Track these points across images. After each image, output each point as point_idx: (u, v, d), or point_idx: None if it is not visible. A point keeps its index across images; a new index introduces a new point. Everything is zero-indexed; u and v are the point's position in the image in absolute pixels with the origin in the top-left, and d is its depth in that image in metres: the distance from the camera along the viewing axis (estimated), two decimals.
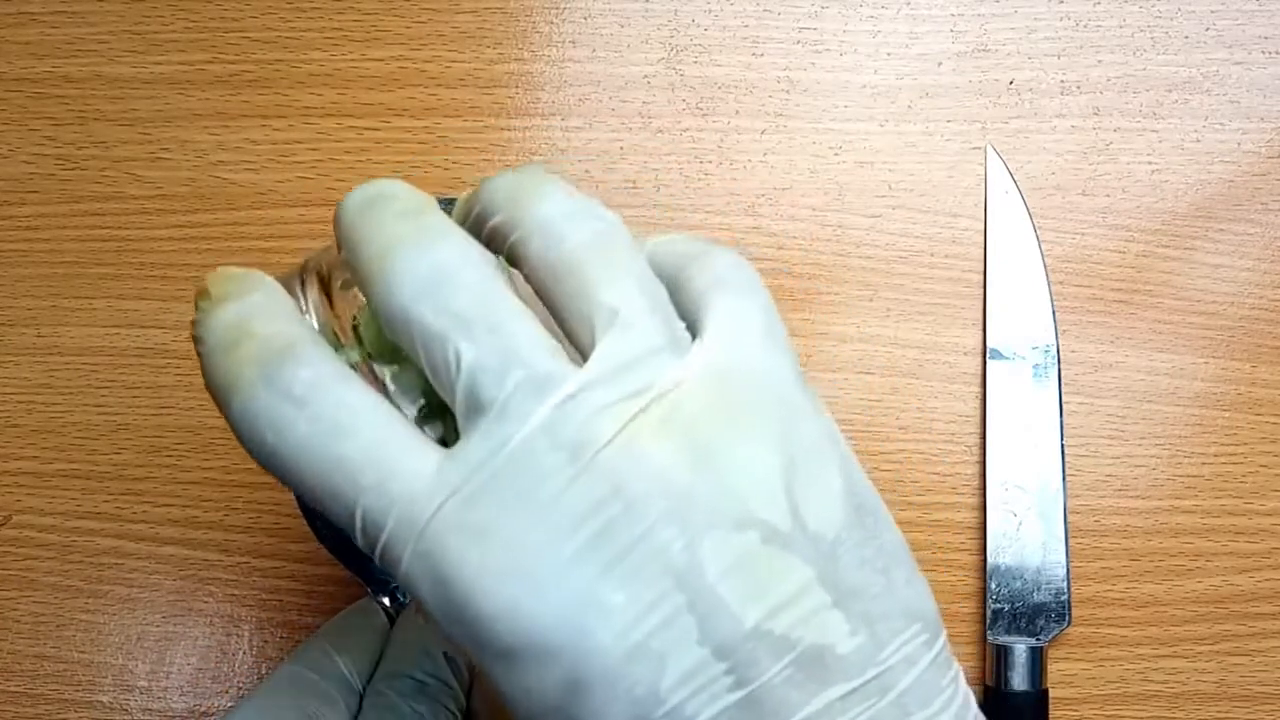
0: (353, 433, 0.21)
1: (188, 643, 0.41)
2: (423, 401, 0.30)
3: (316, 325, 0.25)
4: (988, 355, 0.41)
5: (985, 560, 0.40)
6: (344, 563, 0.34)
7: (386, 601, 0.33)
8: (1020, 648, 0.39)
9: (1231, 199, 0.43)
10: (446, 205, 0.31)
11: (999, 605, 0.40)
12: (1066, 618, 0.40)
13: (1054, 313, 0.42)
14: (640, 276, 0.22)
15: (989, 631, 0.40)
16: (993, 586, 0.40)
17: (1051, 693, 0.40)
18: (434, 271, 0.21)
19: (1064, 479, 0.41)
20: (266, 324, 0.22)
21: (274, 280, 0.23)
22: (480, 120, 0.43)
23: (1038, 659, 0.39)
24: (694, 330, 0.22)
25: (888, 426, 0.42)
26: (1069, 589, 0.40)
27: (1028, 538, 0.40)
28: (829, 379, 0.42)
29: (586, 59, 0.43)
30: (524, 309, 0.21)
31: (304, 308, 0.25)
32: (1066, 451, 0.41)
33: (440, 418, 0.34)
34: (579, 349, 0.21)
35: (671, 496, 0.20)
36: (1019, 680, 0.39)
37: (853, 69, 0.43)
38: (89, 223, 0.43)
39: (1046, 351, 0.41)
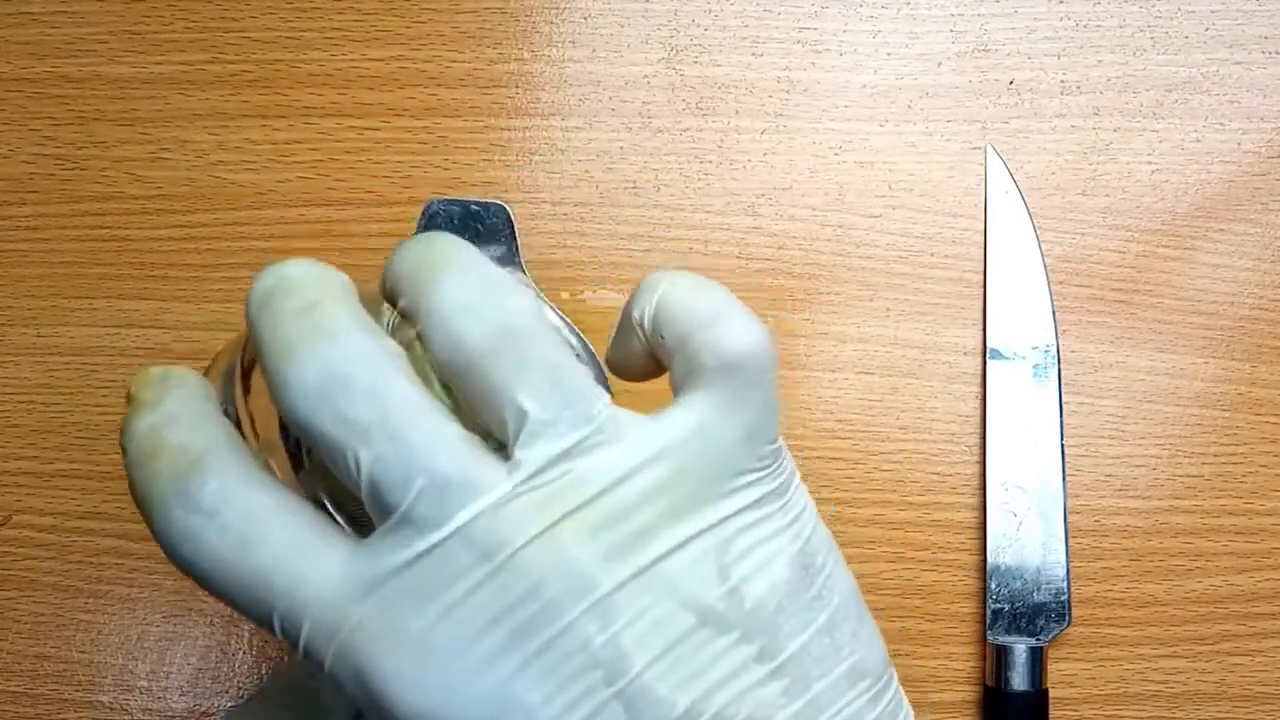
0: (262, 541, 0.21)
1: (188, 643, 0.41)
2: None
3: (240, 416, 0.25)
4: (988, 355, 0.41)
5: (985, 560, 0.40)
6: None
7: None
8: (1020, 648, 0.39)
9: (1231, 199, 0.43)
10: (448, 204, 0.30)
11: (999, 605, 0.40)
12: (1066, 618, 0.40)
13: (1054, 313, 0.42)
14: (553, 368, 0.21)
15: (989, 631, 0.40)
16: (993, 586, 0.40)
17: (1051, 693, 0.40)
18: (326, 378, 0.20)
19: (1064, 479, 0.41)
20: (180, 432, 0.22)
21: (194, 378, 0.23)
22: (480, 120, 0.43)
23: (1038, 659, 0.39)
24: (674, 394, 0.22)
25: (888, 426, 0.42)
26: (1069, 589, 0.40)
27: (1028, 538, 0.40)
28: (829, 379, 0.42)
29: (586, 59, 0.43)
30: (427, 404, 0.21)
31: (232, 402, 0.25)
32: (1066, 451, 0.41)
33: None
34: (497, 440, 0.21)
35: (594, 592, 0.20)
36: (1019, 680, 0.39)
37: (853, 69, 0.43)
38: (89, 223, 0.43)
39: (1046, 351, 0.41)
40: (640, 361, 0.24)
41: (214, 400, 0.23)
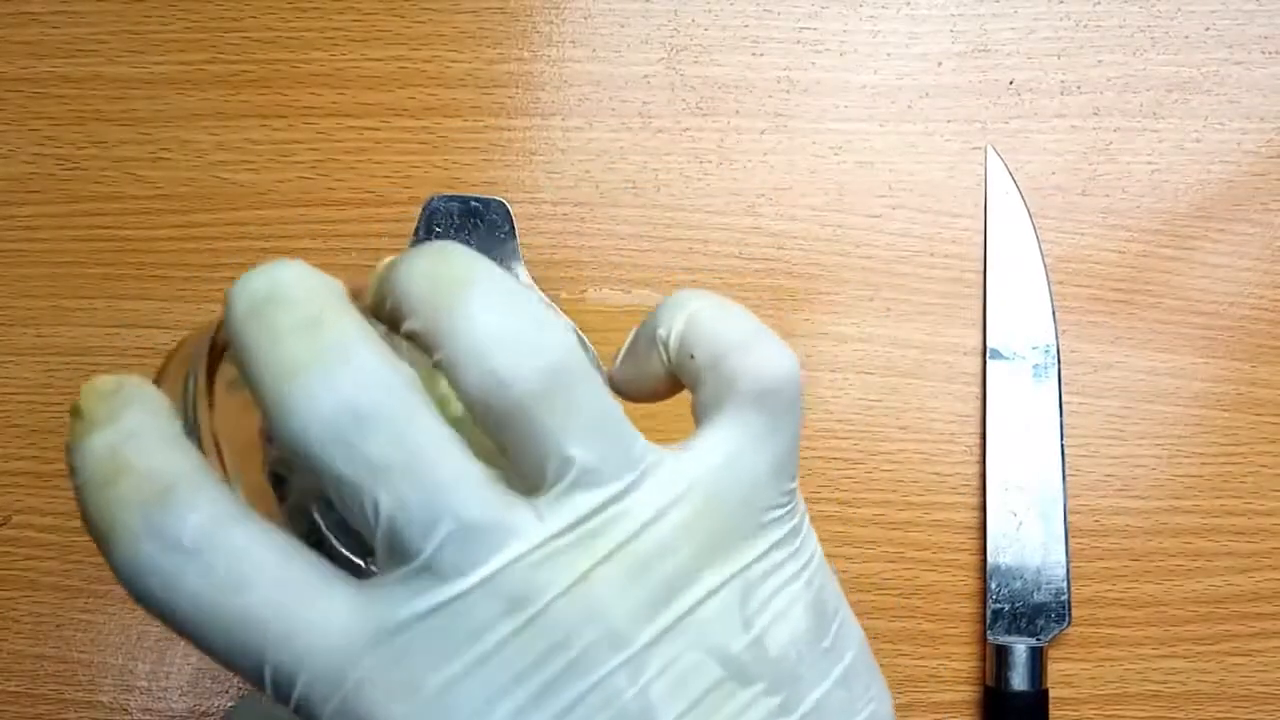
0: (253, 583, 0.18)
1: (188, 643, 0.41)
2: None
3: (201, 434, 0.22)
4: (988, 355, 0.41)
5: (985, 560, 0.40)
6: (334, 563, 0.34)
7: None
8: (1020, 648, 0.39)
9: (1231, 199, 0.43)
10: (448, 200, 0.29)
11: (999, 605, 0.40)
12: (1066, 618, 0.40)
13: (1054, 313, 0.42)
14: (601, 413, 0.19)
15: (989, 631, 0.40)
16: (993, 586, 0.40)
17: (1051, 693, 0.40)
18: (341, 409, 0.18)
19: (1064, 479, 0.41)
20: (146, 455, 0.19)
21: (151, 391, 0.20)
22: (480, 120, 0.43)
23: (1038, 659, 0.39)
24: (698, 419, 0.21)
25: (888, 426, 0.42)
26: (1069, 589, 0.40)
27: (1028, 538, 0.40)
28: (829, 379, 0.42)
29: (586, 59, 0.43)
30: (452, 440, 0.19)
31: (189, 415, 0.22)
32: (1066, 451, 0.41)
33: None
34: (528, 481, 0.20)
35: (628, 646, 0.19)
36: (1019, 680, 0.39)
37: (853, 69, 0.43)
38: (89, 223, 0.43)
39: (1046, 351, 0.41)
40: (655, 382, 0.23)
41: (176, 418, 0.20)
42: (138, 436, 0.19)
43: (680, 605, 0.19)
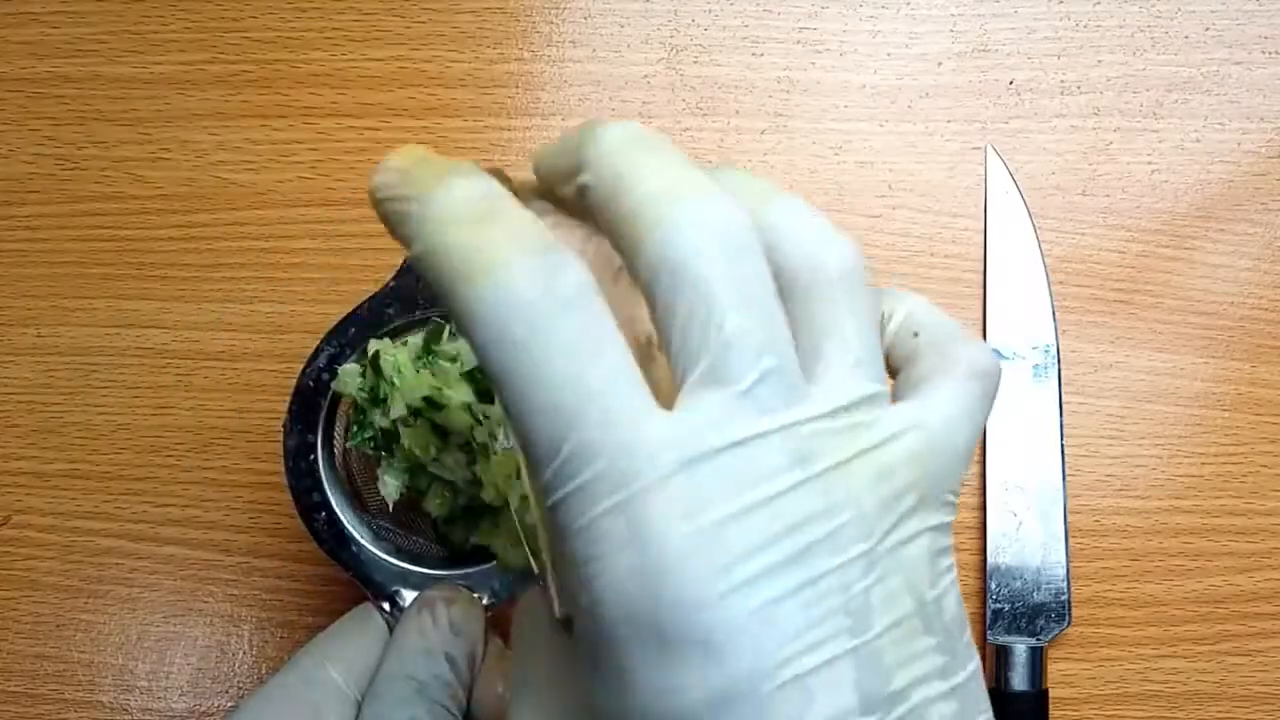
0: (605, 355, 0.19)
1: (188, 643, 0.41)
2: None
3: None
4: None
5: (985, 560, 0.40)
6: (342, 565, 0.34)
7: (386, 606, 0.33)
8: (1020, 648, 0.39)
9: (1232, 199, 0.43)
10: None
11: (999, 605, 0.40)
12: (1066, 618, 0.40)
13: (1054, 313, 0.42)
14: (873, 320, 0.22)
15: (989, 631, 0.40)
16: (993, 586, 0.40)
17: (1051, 693, 0.40)
18: (723, 232, 0.19)
19: (1064, 479, 0.41)
20: (518, 212, 0.19)
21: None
22: (480, 120, 0.43)
23: (1038, 659, 0.39)
24: (905, 393, 0.23)
25: None
26: (1069, 589, 0.40)
27: (1028, 538, 0.40)
28: None
29: (586, 59, 0.43)
30: (775, 295, 0.21)
31: None
32: (1066, 451, 0.41)
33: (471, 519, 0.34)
34: (802, 361, 0.21)
35: (870, 538, 0.19)
36: (1019, 680, 0.39)
37: (853, 69, 0.43)
38: (89, 223, 0.43)
39: (1046, 351, 0.41)
40: None
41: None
42: (505, 196, 0.20)
43: (906, 525, 0.20)
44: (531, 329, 0.18)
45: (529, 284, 0.18)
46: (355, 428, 0.34)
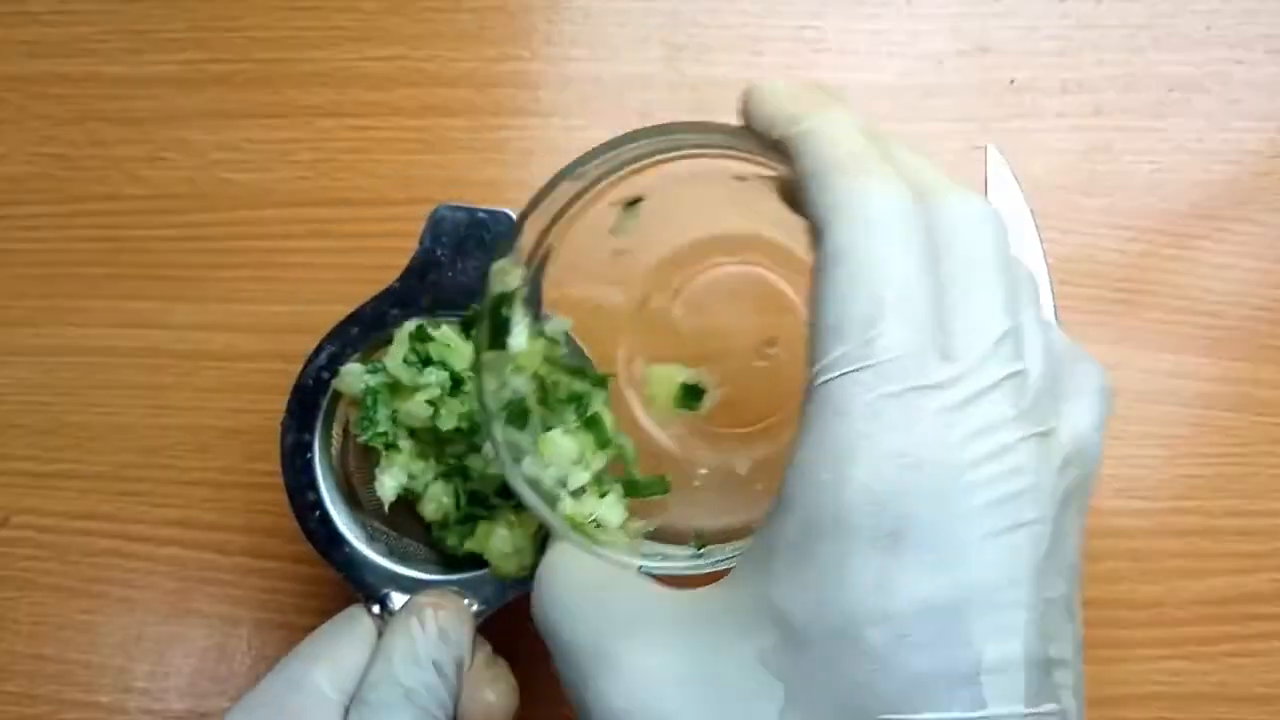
0: (924, 276, 0.21)
1: (187, 643, 0.41)
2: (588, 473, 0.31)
3: None
4: None
5: None
6: (333, 565, 0.34)
7: (376, 609, 0.33)
8: None
9: (1233, 198, 0.42)
10: (455, 210, 0.31)
11: None
12: None
13: (1056, 312, 0.42)
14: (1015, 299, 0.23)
15: None
16: None
17: None
18: (900, 205, 0.22)
19: None
20: (874, 142, 0.23)
21: None
22: (480, 120, 0.43)
23: None
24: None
25: None
26: None
27: None
28: None
29: (586, 58, 0.43)
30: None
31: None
32: None
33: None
34: (948, 334, 0.22)
35: (1053, 507, 0.21)
36: None
37: (854, 68, 0.43)
38: (89, 223, 0.43)
39: None
40: None
41: None
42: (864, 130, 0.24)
43: (1065, 517, 0.22)
44: (883, 223, 0.21)
45: (885, 192, 0.22)
46: (365, 423, 0.33)
